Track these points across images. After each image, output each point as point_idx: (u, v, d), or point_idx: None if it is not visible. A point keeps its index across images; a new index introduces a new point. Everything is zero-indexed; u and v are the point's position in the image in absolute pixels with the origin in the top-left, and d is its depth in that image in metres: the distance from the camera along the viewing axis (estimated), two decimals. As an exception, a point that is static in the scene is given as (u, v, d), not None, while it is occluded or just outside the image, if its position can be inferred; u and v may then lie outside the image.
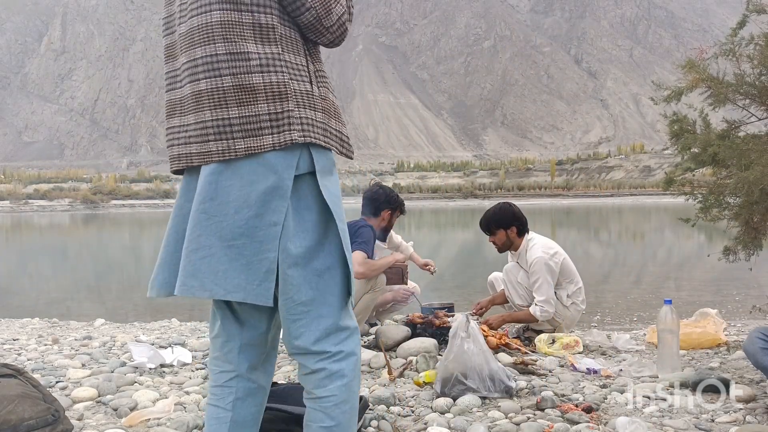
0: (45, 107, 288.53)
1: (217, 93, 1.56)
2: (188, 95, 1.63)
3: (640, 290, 10.40)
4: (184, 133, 1.66)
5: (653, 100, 4.59)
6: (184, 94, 1.65)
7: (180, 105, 1.68)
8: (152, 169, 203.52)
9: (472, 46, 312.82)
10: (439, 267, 4.69)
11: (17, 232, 41.41)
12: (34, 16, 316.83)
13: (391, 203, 4.14)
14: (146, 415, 2.56)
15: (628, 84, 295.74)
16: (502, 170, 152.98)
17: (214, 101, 1.57)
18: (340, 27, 1.67)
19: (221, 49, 1.55)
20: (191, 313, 7.83)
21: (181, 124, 1.67)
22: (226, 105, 1.56)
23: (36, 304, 9.79)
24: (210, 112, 1.58)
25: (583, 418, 2.46)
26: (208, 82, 1.57)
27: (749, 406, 2.54)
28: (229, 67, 1.55)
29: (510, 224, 4.03)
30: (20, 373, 2.30)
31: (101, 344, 4.40)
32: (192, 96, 1.62)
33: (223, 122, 1.56)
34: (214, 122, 1.58)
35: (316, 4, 1.60)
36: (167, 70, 1.75)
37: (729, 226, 4.41)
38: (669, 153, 22.65)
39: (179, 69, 1.67)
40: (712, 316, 3.93)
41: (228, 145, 1.56)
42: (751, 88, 3.96)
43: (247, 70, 1.55)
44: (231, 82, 1.55)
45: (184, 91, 1.64)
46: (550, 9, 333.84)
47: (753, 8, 4.14)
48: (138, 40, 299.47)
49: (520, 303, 4.07)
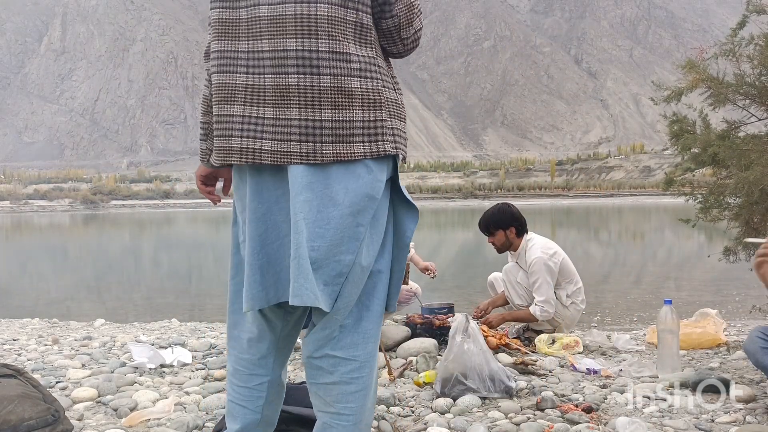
0: (45, 107, 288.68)
1: (312, 92, 1.49)
2: (268, 86, 1.52)
3: (640, 290, 10.40)
4: (252, 125, 1.55)
5: (653, 100, 4.60)
6: (255, 83, 1.54)
7: (246, 93, 1.56)
8: (152, 170, 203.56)
9: (472, 46, 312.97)
10: (439, 267, 4.70)
11: (17, 232, 41.40)
12: (34, 16, 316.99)
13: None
14: (146, 416, 2.56)
15: (628, 84, 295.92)
16: (502, 170, 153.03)
17: (306, 100, 1.49)
18: (415, 42, 1.66)
19: (324, 45, 1.48)
20: (191, 313, 7.83)
21: (248, 115, 1.56)
22: (320, 106, 1.48)
23: (36, 304, 9.79)
24: (298, 111, 1.50)
25: (583, 419, 2.46)
26: (302, 78, 1.49)
27: (749, 406, 2.54)
28: (329, 67, 1.48)
29: (509, 225, 4.03)
30: (20, 373, 2.30)
31: (101, 344, 4.39)
32: (274, 89, 1.52)
33: (313, 123, 1.49)
34: (301, 121, 1.49)
35: (402, 11, 1.57)
36: (220, 48, 1.62)
37: (729, 226, 4.41)
38: (669, 153, 22.63)
39: (246, 52, 1.55)
40: (712, 316, 3.93)
41: (314, 148, 1.49)
42: (751, 89, 3.96)
43: (348, 73, 1.49)
44: (329, 83, 1.48)
45: (259, 80, 1.53)
46: (550, 9, 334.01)
47: (753, 8, 4.14)
48: (138, 40, 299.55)
49: (520, 303, 4.07)
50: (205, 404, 2.71)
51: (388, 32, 1.59)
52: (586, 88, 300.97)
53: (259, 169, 1.58)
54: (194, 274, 15.33)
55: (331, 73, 1.48)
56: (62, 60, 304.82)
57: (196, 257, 20.08)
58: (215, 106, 1.64)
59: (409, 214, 1.64)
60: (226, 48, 1.59)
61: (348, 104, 1.48)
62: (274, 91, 1.51)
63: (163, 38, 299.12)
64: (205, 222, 48.82)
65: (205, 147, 1.79)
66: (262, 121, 1.53)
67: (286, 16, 1.48)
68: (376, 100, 1.51)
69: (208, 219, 53.68)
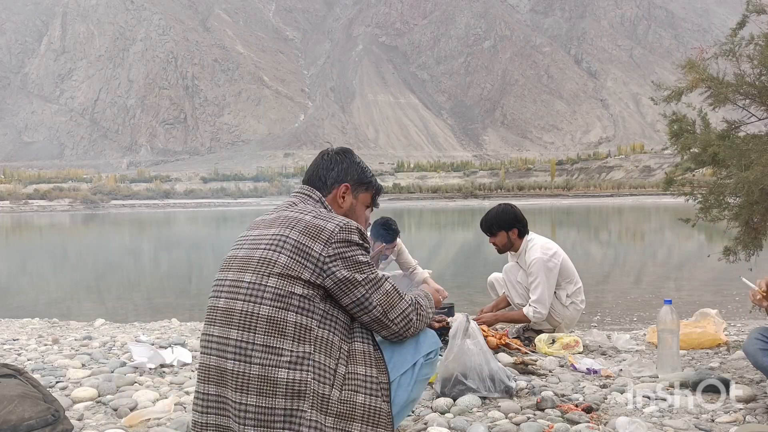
0: (45, 107, 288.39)
1: (242, 378, 1.65)
2: (212, 366, 1.72)
3: (640, 290, 10.40)
4: (201, 401, 1.75)
5: (653, 100, 4.60)
6: (203, 362, 1.76)
7: (201, 371, 1.77)
8: (152, 169, 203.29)
9: (472, 46, 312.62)
10: (439, 267, 4.71)
11: (17, 232, 41.39)
12: (34, 16, 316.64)
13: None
14: (146, 415, 2.56)
15: (628, 84, 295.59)
16: (502, 170, 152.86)
17: (236, 384, 1.65)
18: (405, 320, 1.83)
19: (259, 339, 1.66)
20: (191, 313, 7.83)
21: (200, 391, 1.77)
22: (247, 391, 1.64)
23: (36, 304, 9.79)
24: (233, 393, 1.66)
25: (583, 418, 2.46)
26: (237, 365, 1.66)
27: (749, 406, 2.54)
28: (260, 357, 1.65)
29: (511, 226, 4.03)
30: (20, 373, 2.30)
31: (101, 344, 4.39)
32: (216, 369, 1.71)
33: (242, 406, 1.64)
34: (234, 402, 1.66)
35: (381, 301, 1.77)
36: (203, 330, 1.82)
37: (729, 226, 4.41)
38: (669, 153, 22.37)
39: (210, 335, 1.77)
40: (712, 316, 3.93)
41: (243, 430, 1.64)
42: (751, 88, 3.96)
43: (276, 364, 1.64)
44: (257, 372, 1.64)
45: (206, 360, 1.75)
46: (550, 9, 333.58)
47: (753, 8, 4.14)
48: (138, 40, 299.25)
49: (520, 302, 4.08)
50: (205, 404, 2.70)
51: (373, 322, 1.79)
52: (586, 88, 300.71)
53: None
54: (194, 273, 15.33)
55: (261, 363, 1.64)
56: (62, 60, 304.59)
57: (196, 257, 20.08)
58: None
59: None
60: (203, 332, 1.82)
61: (272, 392, 1.63)
62: (216, 371, 1.71)
63: (163, 38, 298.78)
64: (205, 222, 48.81)
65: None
66: (206, 397, 1.74)
67: (234, 310, 1.71)
68: (300, 392, 1.63)
69: (208, 219, 53.66)
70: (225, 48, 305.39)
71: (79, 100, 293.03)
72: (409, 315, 1.84)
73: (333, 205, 1.95)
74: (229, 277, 1.78)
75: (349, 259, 1.73)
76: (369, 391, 1.71)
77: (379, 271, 1.81)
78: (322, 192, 1.95)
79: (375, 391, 1.71)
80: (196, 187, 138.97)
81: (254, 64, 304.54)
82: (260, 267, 1.72)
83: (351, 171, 2.00)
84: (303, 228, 1.74)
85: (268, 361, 1.63)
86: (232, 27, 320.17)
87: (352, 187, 1.99)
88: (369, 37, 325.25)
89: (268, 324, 1.65)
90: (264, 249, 1.75)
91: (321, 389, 1.64)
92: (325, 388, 1.65)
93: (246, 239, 1.86)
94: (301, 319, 1.66)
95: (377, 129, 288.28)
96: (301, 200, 1.92)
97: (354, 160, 2.03)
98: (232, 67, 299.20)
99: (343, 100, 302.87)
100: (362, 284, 1.74)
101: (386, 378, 1.76)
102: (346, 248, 1.73)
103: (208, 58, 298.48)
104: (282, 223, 1.79)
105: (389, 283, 1.82)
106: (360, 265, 1.75)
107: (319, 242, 1.71)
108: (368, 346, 1.77)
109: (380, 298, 1.77)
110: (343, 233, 1.74)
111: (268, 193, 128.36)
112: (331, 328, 1.71)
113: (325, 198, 1.94)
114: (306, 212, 1.82)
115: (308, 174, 2.02)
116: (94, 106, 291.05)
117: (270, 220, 1.85)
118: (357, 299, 1.74)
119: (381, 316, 1.78)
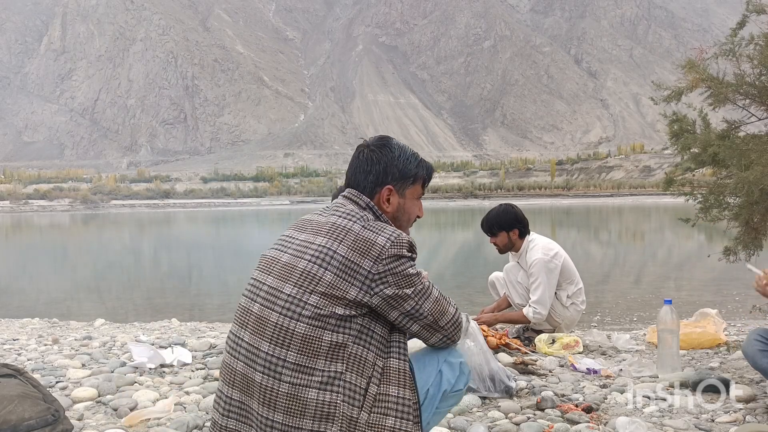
0: (45, 107, 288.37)
1: (270, 393, 1.61)
2: (238, 372, 1.69)
3: (640, 290, 10.40)
4: (224, 403, 1.72)
5: (653, 100, 4.59)
6: (229, 365, 1.73)
7: (225, 373, 1.75)
8: (152, 169, 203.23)
9: (472, 46, 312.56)
10: (439, 267, 4.71)
11: (17, 232, 41.39)
12: (34, 16, 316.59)
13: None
14: (146, 415, 2.56)
15: (628, 84, 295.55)
16: (502, 170, 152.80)
17: (264, 398, 1.62)
18: (454, 325, 1.80)
19: (292, 357, 1.60)
20: (191, 313, 7.84)
21: (225, 394, 1.73)
22: (275, 408, 1.60)
23: (36, 304, 9.79)
24: (258, 405, 1.63)
25: (583, 418, 2.46)
26: (265, 379, 1.62)
27: (749, 406, 2.54)
28: (290, 376, 1.60)
29: (512, 226, 4.03)
30: (20, 373, 2.30)
31: (101, 344, 4.39)
32: (243, 377, 1.67)
33: (269, 422, 1.61)
34: (260, 416, 1.62)
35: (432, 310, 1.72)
36: (231, 330, 1.79)
37: (729, 226, 4.40)
38: (669, 153, 22.33)
39: (238, 338, 1.73)
40: (712, 316, 3.93)
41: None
42: (751, 88, 3.95)
43: (307, 384, 1.59)
44: (287, 390, 1.60)
45: (234, 364, 1.72)
46: (550, 9, 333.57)
47: (753, 8, 4.13)
48: (138, 40, 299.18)
49: (520, 302, 4.08)
50: (205, 404, 2.71)
51: (426, 328, 1.75)
52: (586, 88, 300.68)
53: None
54: (194, 274, 15.33)
55: (291, 382, 1.60)
56: (62, 60, 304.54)
57: (196, 257, 20.07)
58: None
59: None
60: (233, 331, 1.78)
61: (300, 412, 1.59)
62: (243, 378, 1.68)
63: (163, 38, 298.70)
64: (205, 222, 48.80)
65: None
66: (230, 401, 1.71)
67: (269, 321, 1.66)
68: (329, 414, 1.59)
69: (208, 219, 53.66)
70: (225, 48, 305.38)
71: (79, 100, 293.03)
72: (458, 319, 1.81)
73: (380, 209, 1.83)
74: (268, 282, 1.71)
75: (400, 274, 1.66)
76: (400, 414, 1.65)
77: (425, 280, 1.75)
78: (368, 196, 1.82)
79: (406, 414, 1.66)
80: (196, 187, 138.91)
81: (254, 64, 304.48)
82: (303, 281, 1.64)
83: (390, 170, 1.83)
84: (352, 242, 1.66)
85: (299, 380, 1.59)
86: (232, 27, 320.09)
87: (395, 186, 1.84)
88: (369, 37, 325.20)
89: (302, 342, 1.60)
90: (309, 261, 1.66)
91: (350, 411, 1.60)
92: (354, 411, 1.60)
93: (291, 242, 1.76)
94: (336, 337, 1.61)
95: (377, 129, 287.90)
96: (349, 203, 1.80)
97: (392, 155, 1.84)
98: (232, 67, 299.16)
99: (343, 100, 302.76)
100: (412, 297, 1.68)
101: (417, 398, 1.71)
102: (396, 263, 1.66)
103: (208, 58, 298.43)
104: (330, 232, 1.70)
105: (437, 290, 1.77)
106: (410, 278, 1.68)
107: (369, 259, 1.64)
108: (404, 364, 1.70)
109: (431, 307, 1.72)
110: (395, 248, 1.66)
111: (268, 193, 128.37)
112: (366, 343, 1.65)
113: (372, 201, 1.81)
114: (355, 219, 1.72)
115: (348, 176, 1.88)
116: (94, 106, 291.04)
117: (318, 224, 1.75)
118: (407, 311, 1.69)
119: (432, 324, 1.74)
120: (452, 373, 1.83)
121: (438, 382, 1.80)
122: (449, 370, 1.83)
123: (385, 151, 1.84)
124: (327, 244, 1.67)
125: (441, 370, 1.82)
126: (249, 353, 1.66)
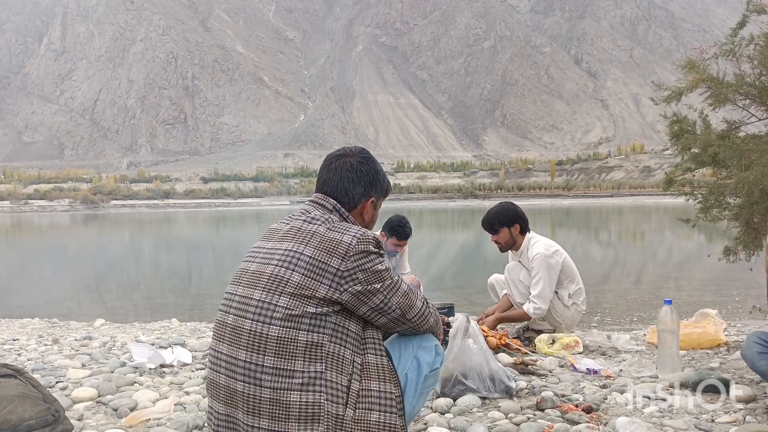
0: (45, 107, 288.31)
1: (253, 401, 1.63)
2: (221, 384, 1.71)
3: (640, 290, 10.40)
4: (213, 418, 1.76)
5: (653, 101, 4.59)
6: (212, 380, 1.76)
7: (210, 386, 1.77)
8: (152, 169, 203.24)
9: (472, 46, 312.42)
10: (439, 267, 4.71)
11: (17, 232, 41.38)
12: (34, 16, 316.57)
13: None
14: (146, 415, 2.56)
15: (628, 84, 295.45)
16: (502, 170, 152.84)
17: (248, 406, 1.63)
18: (422, 316, 1.85)
19: (269, 362, 1.62)
20: (191, 313, 7.84)
21: (211, 407, 1.77)
22: (259, 414, 1.62)
23: (36, 304, 9.78)
24: (244, 414, 1.64)
25: (583, 419, 2.46)
26: (247, 387, 1.64)
27: (749, 406, 2.54)
28: (270, 381, 1.62)
29: (513, 221, 4.04)
30: (20, 373, 2.30)
31: (101, 344, 4.39)
32: (227, 390, 1.69)
33: (254, 429, 1.63)
34: (246, 425, 1.64)
35: (400, 303, 1.76)
36: (211, 346, 1.82)
37: (729, 226, 4.40)
38: (669, 153, 22.39)
39: (218, 352, 1.76)
40: (712, 316, 3.93)
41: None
42: (751, 89, 3.95)
43: (288, 387, 1.61)
44: (269, 395, 1.61)
45: (216, 378, 1.74)
46: (550, 9, 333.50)
47: (753, 8, 4.13)
48: (138, 40, 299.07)
49: (521, 301, 4.08)
50: (205, 404, 2.70)
51: (393, 321, 1.78)
52: (586, 88, 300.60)
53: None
54: (194, 274, 15.33)
55: (271, 387, 1.61)
56: (62, 60, 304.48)
57: (196, 257, 20.06)
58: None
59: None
60: (212, 346, 1.81)
61: (284, 416, 1.60)
62: (226, 391, 1.70)
63: (163, 38, 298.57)
64: (205, 222, 48.79)
65: None
66: (218, 415, 1.73)
67: (243, 329, 1.68)
68: (314, 414, 1.60)
69: (208, 219, 53.66)
70: (225, 48, 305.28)
71: (79, 100, 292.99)
72: (426, 312, 1.86)
73: (357, 218, 1.89)
74: (239, 292, 1.74)
75: (368, 270, 1.70)
76: (383, 408, 1.68)
77: (393, 274, 1.79)
78: (346, 206, 1.87)
79: (389, 407, 1.68)
80: (196, 187, 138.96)
81: (254, 64, 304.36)
82: (271, 284, 1.68)
83: (375, 183, 1.93)
84: (318, 243, 1.70)
85: (279, 384, 1.60)
86: (232, 27, 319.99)
87: (376, 199, 1.94)
88: (369, 37, 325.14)
89: (278, 345, 1.62)
90: (276, 265, 1.70)
91: (335, 409, 1.61)
92: (339, 408, 1.62)
93: (258, 252, 1.80)
94: (312, 336, 1.63)
95: (377, 129, 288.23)
96: (315, 208, 1.85)
97: (376, 169, 1.94)
98: (232, 67, 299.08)
99: (343, 100, 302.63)
100: (381, 291, 1.72)
101: (399, 390, 1.73)
102: (364, 259, 1.70)
103: (208, 58, 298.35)
104: (295, 236, 1.74)
105: (405, 284, 1.81)
106: (379, 274, 1.72)
107: (336, 257, 1.67)
108: (381, 359, 1.73)
109: (399, 301, 1.76)
110: (361, 245, 1.70)
111: (268, 194, 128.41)
112: (342, 341, 1.67)
113: (350, 213, 1.87)
114: (319, 223, 1.77)
115: (330, 185, 1.90)
116: (94, 106, 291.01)
117: (283, 231, 1.79)
118: (376, 306, 1.72)
119: (400, 317, 1.78)
120: (429, 356, 1.89)
121: (416, 366, 1.86)
122: (425, 354, 1.89)
123: (371, 164, 1.94)
124: (293, 247, 1.72)
125: (416, 356, 1.87)
126: (228, 364, 1.69)
